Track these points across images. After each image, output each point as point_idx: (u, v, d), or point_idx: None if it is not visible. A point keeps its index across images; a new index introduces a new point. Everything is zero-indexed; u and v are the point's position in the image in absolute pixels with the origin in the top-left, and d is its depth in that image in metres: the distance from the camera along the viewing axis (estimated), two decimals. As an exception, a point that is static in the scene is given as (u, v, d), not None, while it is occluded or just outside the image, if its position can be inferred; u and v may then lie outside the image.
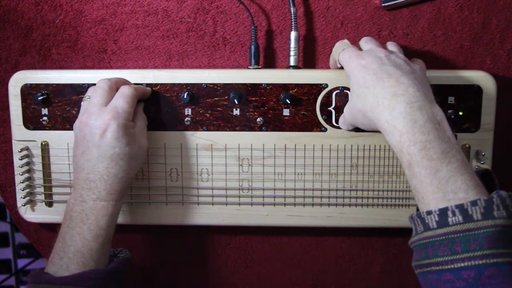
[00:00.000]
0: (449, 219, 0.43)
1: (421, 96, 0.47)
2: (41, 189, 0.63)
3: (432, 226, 0.44)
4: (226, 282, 0.72)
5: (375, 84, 0.49)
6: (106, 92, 0.55)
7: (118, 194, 0.54)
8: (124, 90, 0.55)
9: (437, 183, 0.44)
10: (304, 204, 0.62)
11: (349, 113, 0.56)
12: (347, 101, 0.59)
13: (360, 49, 0.56)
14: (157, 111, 0.61)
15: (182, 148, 0.62)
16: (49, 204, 0.64)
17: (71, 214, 0.53)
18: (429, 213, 0.44)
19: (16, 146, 0.63)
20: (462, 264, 0.41)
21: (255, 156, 0.61)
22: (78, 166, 0.54)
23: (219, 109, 0.61)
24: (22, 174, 0.63)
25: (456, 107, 0.60)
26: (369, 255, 0.70)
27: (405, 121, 0.46)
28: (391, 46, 0.56)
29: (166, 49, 0.65)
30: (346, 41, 0.57)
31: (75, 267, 0.51)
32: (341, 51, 0.55)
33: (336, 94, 0.60)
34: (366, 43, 0.56)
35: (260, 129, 0.61)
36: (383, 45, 0.56)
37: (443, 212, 0.43)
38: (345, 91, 0.60)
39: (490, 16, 0.62)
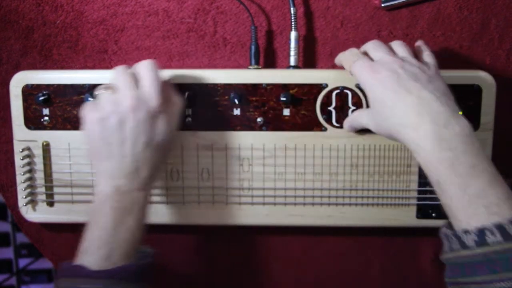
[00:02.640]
0: (488, 239, 0.42)
1: (445, 111, 0.47)
2: (42, 189, 0.64)
3: (470, 245, 0.43)
4: (226, 281, 0.72)
5: (395, 103, 0.49)
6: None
7: (153, 183, 0.55)
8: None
9: (468, 199, 0.44)
10: (304, 204, 0.63)
11: (374, 127, 0.54)
12: (347, 101, 0.60)
13: (368, 55, 0.55)
14: (157, 111, 0.61)
15: (182, 148, 0.62)
16: (50, 204, 0.64)
17: (112, 204, 0.51)
18: (466, 232, 0.43)
19: (17, 146, 0.63)
20: (503, 284, 0.41)
21: (256, 156, 0.62)
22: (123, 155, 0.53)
23: (219, 109, 0.61)
24: (23, 174, 0.63)
25: (456, 107, 0.60)
26: (369, 255, 0.70)
27: (430, 139, 0.46)
28: (398, 48, 0.55)
29: (167, 49, 0.65)
30: (356, 50, 0.56)
31: (118, 257, 0.49)
32: (353, 63, 0.54)
33: (336, 94, 0.60)
34: (375, 50, 0.54)
35: (260, 129, 0.61)
36: (386, 42, 0.56)
37: (481, 232, 0.42)
38: (345, 91, 0.60)
39: (490, 16, 0.62)
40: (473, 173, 0.44)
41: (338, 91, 0.60)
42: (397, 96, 0.49)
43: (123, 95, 0.51)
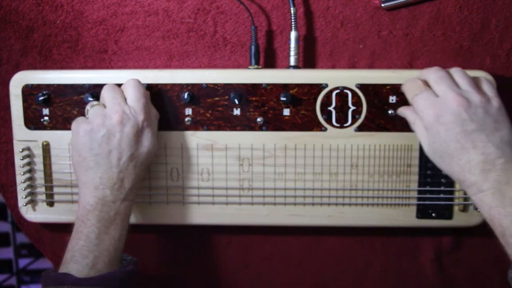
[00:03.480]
0: None
1: (509, 167, 0.48)
2: (42, 189, 0.64)
3: None
4: (226, 281, 0.72)
5: (459, 154, 0.49)
6: None
7: (136, 194, 0.57)
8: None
9: None
10: (304, 204, 0.63)
11: (430, 155, 0.54)
12: (347, 101, 0.60)
13: (427, 84, 0.54)
14: (158, 111, 0.61)
15: (182, 148, 0.62)
16: (50, 204, 0.64)
17: (96, 214, 0.53)
18: None
19: (17, 146, 0.63)
20: None
21: (256, 155, 0.62)
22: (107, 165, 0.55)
23: (219, 109, 0.61)
24: (23, 174, 0.63)
25: (456, 107, 0.60)
26: (369, 255, 0.70)
27: (494, 196, 0.47)
28: (460, 79, 0.53)
29: (167, 49, 0.65)
30: (419, 82, 0.54)
31: (102, 265, 0.52)
32: (415, 96, 0.53)
33: (336, 94, 0.60)
34: (437, 83, 0.52)
35: (260, 129, 0.61)
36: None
37: None
38: (345, 91, 0.60)
39: (490, 16, 0.62)
40: None
41: (338, 91, 0.60)
42: (461, 148, 0.49)
43: (111, 110, 0.55)
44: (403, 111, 0.58)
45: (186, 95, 0.60)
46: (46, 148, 0.63)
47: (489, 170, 0.48)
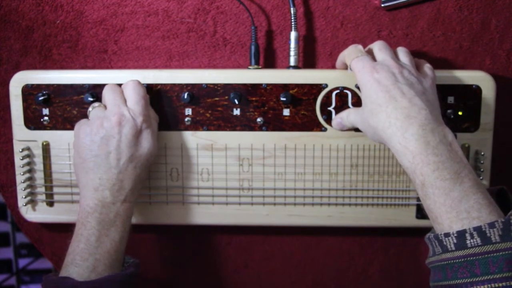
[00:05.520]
0: (468, 242, 0.43)
1: (433, 119, 0.48)
2: (42, 189, 0.64)
3: (450, 248, 0.44)
4: (226, 281, 0.72)
5: (388, 102, 0.49)
6: None
7: (137, 195, 0.57)
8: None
9: (450, 203, 0.45)
10: (304, 204, 0.63)
11: (361, 123, 0.55)
12: (346, 101, 0.60)
13: (372, 54, 0.55)
14: (157, 111, 0.61)
15: (182, 148, 0.62)
16: (50, 204, 0.64)
17: (96, 216, 0.53)
18: (447, 235, 0.44)
19: (17, 146, 0.63)
20: (482, 287, 0.41)
21: (255, 156, 0.62)
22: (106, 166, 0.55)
23: (219, 109, 0.61)
24: (23, 174, 0.63)
25: (456, 107, 0.60)
26: (369, 255, 0.70)
27: (417, 143, 0.47)
28: (403, 56, 0.55)
29: (167, 49, 0.65)
30: (360, 47, 0.56)
31: (103, 268, 0.51)
32: (355, 58, 0.54)
33: (336, 94, 0.60)
34: (380, 51, 0.55)
35: (260, 129, 0.61)
36: (393, 46, 0.56)
37: (461, 235, 0.43)
38: (345, 91, 0.60)
39: (490, 17, 0.62)
40: (457, 178, 0.45)
41: (338, 91, 0.60)
42: (390, 96, 0.49)
43: (110, 112, 0.55)
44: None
45: (186, 95, 0.60)
46: (46, 148, 0.63)
47: (414, 117, 0.48)
